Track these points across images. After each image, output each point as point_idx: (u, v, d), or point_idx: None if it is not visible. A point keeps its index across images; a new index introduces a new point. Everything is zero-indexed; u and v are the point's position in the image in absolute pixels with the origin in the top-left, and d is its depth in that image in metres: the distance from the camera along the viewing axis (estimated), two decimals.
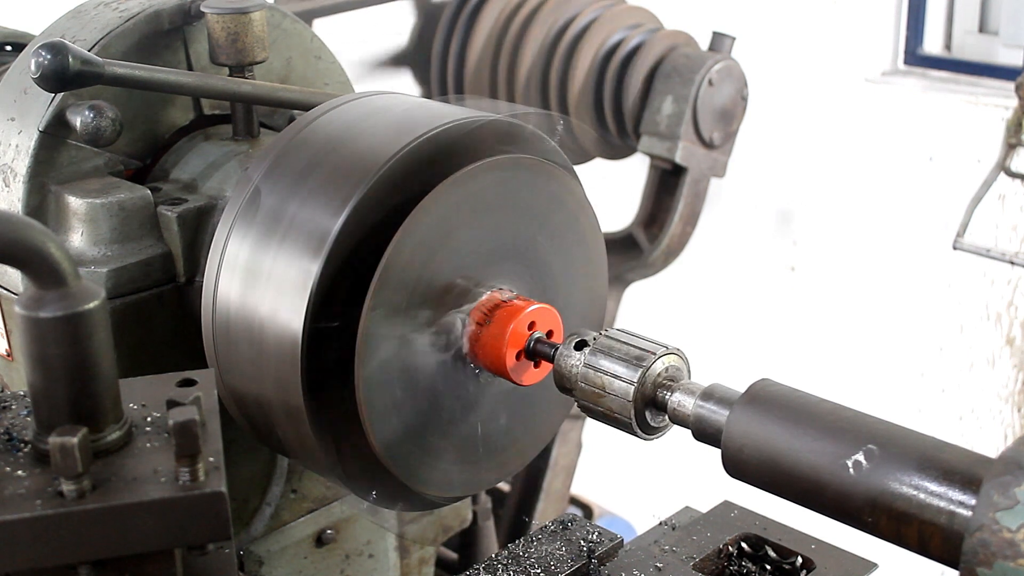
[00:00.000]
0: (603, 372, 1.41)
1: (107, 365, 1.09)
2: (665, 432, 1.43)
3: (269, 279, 1.45)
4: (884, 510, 1.14)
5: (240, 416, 1.58)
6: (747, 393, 1.28)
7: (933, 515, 1.10)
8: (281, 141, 1.54)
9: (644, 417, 1.40)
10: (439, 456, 1.55)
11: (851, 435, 1.18)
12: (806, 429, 1.21)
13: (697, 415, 1.33)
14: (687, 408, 1.34)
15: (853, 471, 1.15)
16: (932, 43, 4.22)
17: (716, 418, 1.30)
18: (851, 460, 1.16)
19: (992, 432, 4.04)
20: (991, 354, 3.98)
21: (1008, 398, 3.99)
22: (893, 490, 1.13)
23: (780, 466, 1.22)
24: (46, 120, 1.65)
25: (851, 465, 1.16)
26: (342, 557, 2.00)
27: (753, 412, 1.26)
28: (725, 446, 1.27)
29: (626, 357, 1.40)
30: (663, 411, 1.39)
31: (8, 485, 1.05)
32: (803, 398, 1.26)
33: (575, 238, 1.64)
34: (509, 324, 1.49)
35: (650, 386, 1.38)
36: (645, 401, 1.39)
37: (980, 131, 3.78)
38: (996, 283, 3.89)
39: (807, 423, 1.21)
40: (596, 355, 1.42)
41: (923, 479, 1.12)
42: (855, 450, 1.16)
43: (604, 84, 3.11)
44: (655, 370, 1.39)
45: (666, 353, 1.40)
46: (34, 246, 1.05)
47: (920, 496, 1.11)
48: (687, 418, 1.34)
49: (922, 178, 3.99)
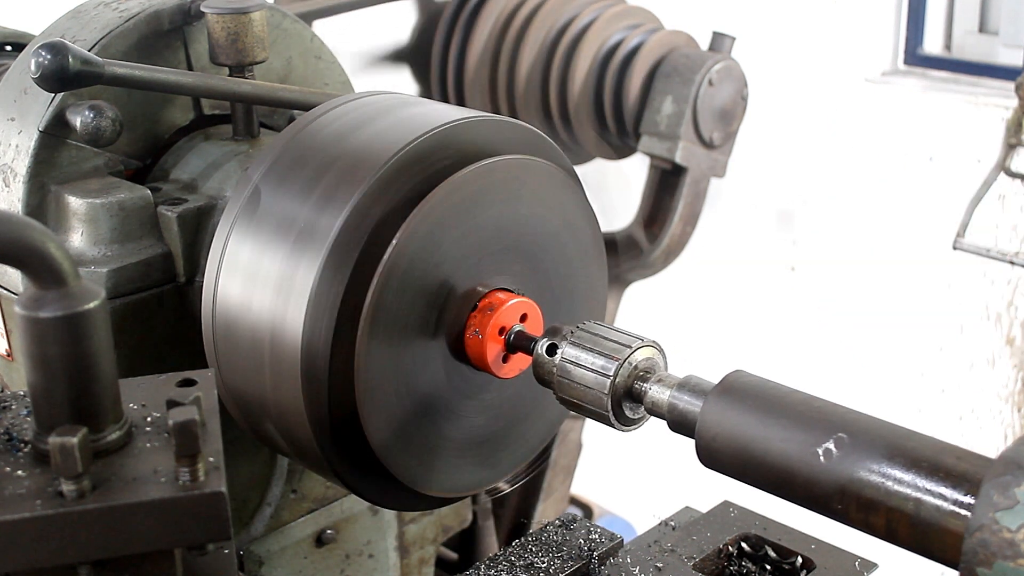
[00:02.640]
0: (580, 365, 1.42)
1: (107, 365, 1.09)
2: (643, 423, 1.45)
3: (269, 279, 1.45)
4: (853, 498, 1.15)
5: (240, 416, 1.58)
6: (720, 384, 1.30)
7: (899, 502, 1.12)
8: (281, 141, 1.54)
9: (621, 409, 1.41)
10: (438, 456, 1.55)
11: (822, 424, 1.19)
12: (778, 418, 1.22)
13: (672, 406, 1.34)
14: (662, 399, 1.36)
15: (823, 459, 1.16)
16: (932, 43, 4.22)
17: (691, 409, 1.32)
18: (821, 448, 1.17)
19: (992, 432, 4.04)
20: (991, 354, 3.98)
21: (1008, 398, 3.99)
22: (862, 478, 1.14)
23: (752, 455, 1.23)
24: (46, 120, 1.65)
25: (821, 453, 1.17)
26: (342, 557, 2.00)
27: (726, 402, 1.27)
28: (699, 436, 1.29)
29: (602, 350, 1.41)
30: (640, 403, 1.40)
31: (8, 485, 1.05)
32: (775, 388, 1.27)
33: (575, 238, 1.64)
34: (492, 317, 1.51)
35: (626, 378, 1.40)
36: (622, 393, 1.40)
37: (980, 131, 3.78)
38: (996, 283, 3.89)
39: (779, 412, 1.23)
40: (573, 348, 1.44)
41: (891, 467, 1.13)
42: (825, 438, 1.17)
43: (604, 84, 3.10)
44: (631, 362, 1.40)
45: (642, 345, 1.41)
46: (34, 246, 1.05)
47: (888, 484, 1.13)
48: (662, 409, 1.36)
49: (922, 178, 3.99)
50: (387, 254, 1.39)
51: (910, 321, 4.11)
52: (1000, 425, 4.03)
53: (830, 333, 4.33)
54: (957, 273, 3.92)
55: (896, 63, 4.24)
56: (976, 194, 3.08)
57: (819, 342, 4.36)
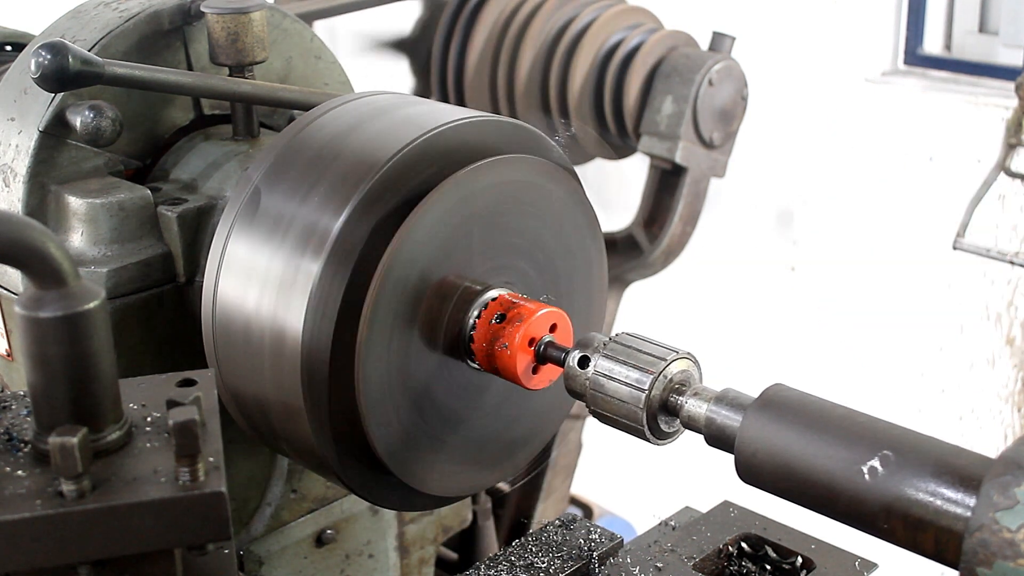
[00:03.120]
0: (613, 378, 1.39)
1: (107, 365, 1.09)
2: (677, 437, 1.42)
3: (269, 279, 1.45)
4: (900, 517, 1.12)
5: (240, 416, 1.58)
6: (760, 398, 1.27)
7: (950, 522, 1.09)
8: (281, 141, 1.54)
9: (657, 423, 1.38)
10: (439, 456, 1.55)
11: (866, 441, 1.16)
12: (820, 434, 1.19)
13: (709, 420, 1.31)
14: (699, 413, 1.33)
15: (868, 477, 1.14)
16: (932, 43, 4.22)
17: (729, 423, 1.29)
18: (866, 466, 1.14)
19: (992, 432, 4.04)
20: (991, 354, 3.98)
21: (1008, 398, 3.99)
22: (909, 496, 1.11)
23: (794, 472, 1.20)
24: (46, 120, 1.65)
25: (866, 471, 1.14)
26: (342, 557, 2.00)
27: (767, 417, 1.24)
28: (738, 451, 1.26)
29: (636, 363, 1.38)
30: (675, 416, 1.37)
31: (8, 485, 1.05)
32: (817, 403, 1.24)
33: (575, 238, 1.64)
34: (520, 328, 1.48)
35: (662, 392, 1.37)
36: (657, 407, 1.37)
37: (980, 131, 3.78)
38: (996, 283, 3.89)
39: (821, 428, 1.20)
40: (606, 360, 1.41)
41: (939, 485, 1.10)
42: (870, 456, 1.14)
43: (604, 84, 3.10)
44: (666, 375, 1.37)
45: (677, 357, 1.38)
46: (34, 246, 1.05)
47: (936, 503, 1.10)
48: (699, 423, 1.33)
49: (922, 178, 3.99)
50: (387, 254, 1.39)
51: (910, 321, 4.11)
52: (1000, 425, 4.03)
53: (830, 333, 4.33)
54: (957, 273, 3.92)
55: (896, 63, 4.24)
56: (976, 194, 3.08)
57: (819, 342, 4.36)
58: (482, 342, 1.50)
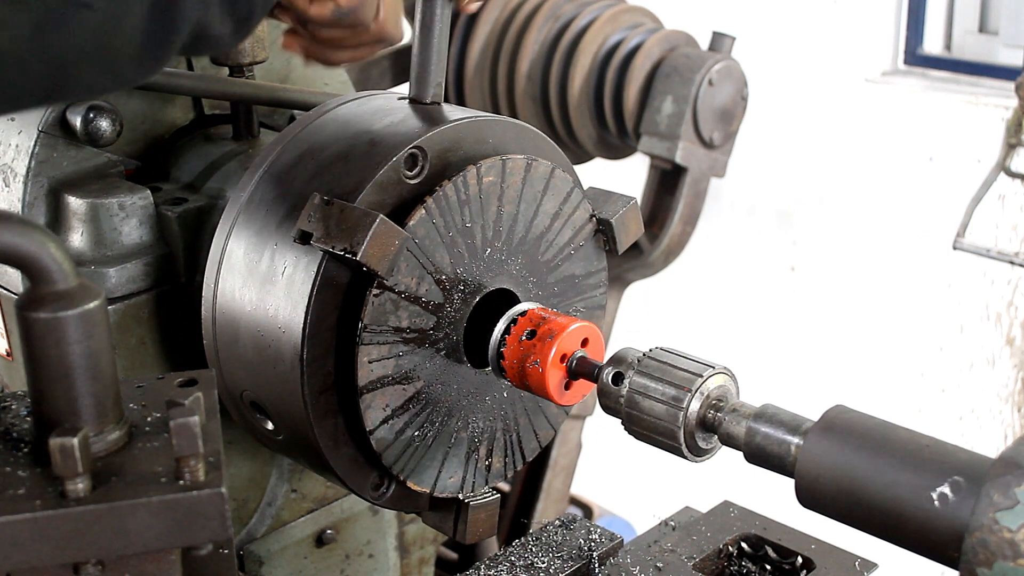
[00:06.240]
0: (649, 396, 1.36)
1: (107, 365, 1.09)
2: (715, 453, 1.39)
3: (269, 279, 1.45)
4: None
5: (240, 416, 1.58)
6: (822, 420, 1.22)
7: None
8: (281, 141, 1.55)
9: (695, 440, 1.35)
10: (440, 455, 1.55)
11: (934, 465, 1.12)
12: (886, 459, 1.15)
13: (752, 438, 1.28)
14: (739, 431, 1.30)
15: (938, 504, 1.10)
16: (932, 43, 4.22)
17: (771, 442, 1.26)
18: (936, 492, 1.10)
19: (992, 432, 4.04)
20: (991, 354, 3.98)
21: (1008, 398, 3.99)
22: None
23: (859, 498, 1.16)
24: (46, 120, 1.65)
25: (936, 497, 1.10)
26: (342, 557, 2.00)
27: (829, 441, 1.20)
28: (799, 476, 1.22)
29: (672, 379, 1.35)
30: (714, 433, 1.34)
31: (8, 485, 1.05)
32: (880, 426, 1.20)
33: (575, 238, 1.64)
34: (552, 344, 1.45)
35: (699, 408, 1.34)
36: (694, 424, 1.34)
37: (980, 131, 3.78)
38: (996, 283, 3.89)
39: (887, 453, 1.16)
40: (641, 377, 1.38)
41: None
42: (939, 481, 1.11)
43: (604, 84, 3.10)
44: (703, 391, 1.34)
45: (714, 373, 1.35)
46: (34, 246, 1.05)
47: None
48: (739, 441, 1.30)
49: (922, 178, 3.99)
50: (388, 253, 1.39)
51: (910, 321, 4.11)
52: (1000, 425, 4.03)
53: (830, 333, 4.33)
54: (957, 273, 3.92)
55: (896, 63, 4.24)
56: (976, 194, 3.08)
57: (819, 342, 4.36)
58: (513, 359, 1.48)
